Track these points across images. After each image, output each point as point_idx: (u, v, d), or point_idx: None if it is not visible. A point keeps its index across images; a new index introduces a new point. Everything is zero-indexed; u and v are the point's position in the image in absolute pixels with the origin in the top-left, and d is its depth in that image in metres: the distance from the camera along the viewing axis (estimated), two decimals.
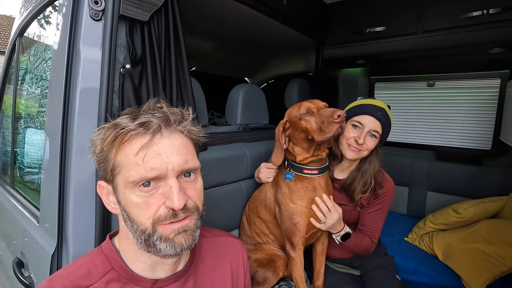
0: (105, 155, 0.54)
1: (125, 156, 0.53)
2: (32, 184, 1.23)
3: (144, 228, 0.53)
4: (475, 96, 2.09)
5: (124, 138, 0.52)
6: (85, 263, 0.58)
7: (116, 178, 0.55)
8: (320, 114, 1.00)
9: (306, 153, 1.09)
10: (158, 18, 0.92)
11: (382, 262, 1.32)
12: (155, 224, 0.53)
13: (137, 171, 0.51)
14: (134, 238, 0.55)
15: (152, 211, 0.53)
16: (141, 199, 0.52)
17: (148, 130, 0.52)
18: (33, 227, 1.02)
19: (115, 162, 0.54)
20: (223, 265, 0.72)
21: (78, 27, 0.81)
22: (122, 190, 0.54)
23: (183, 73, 1.00)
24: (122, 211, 0.56)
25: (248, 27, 1.78)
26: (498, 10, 1.47)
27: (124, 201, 0.54)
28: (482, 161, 1.99)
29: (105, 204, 0.60)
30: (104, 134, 0.54)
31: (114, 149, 0.53)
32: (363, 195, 1.18)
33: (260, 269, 1.20)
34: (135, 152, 0.52)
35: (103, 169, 0.56)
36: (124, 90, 0.86)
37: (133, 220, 0.54)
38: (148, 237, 0.53)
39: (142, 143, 0.52)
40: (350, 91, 2.47)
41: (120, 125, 0.53)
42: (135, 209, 0.53)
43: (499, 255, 1.45)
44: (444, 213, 1.81)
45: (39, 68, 1.23)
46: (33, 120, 1.28)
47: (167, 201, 0.53)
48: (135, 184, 0.52)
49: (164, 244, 0.53)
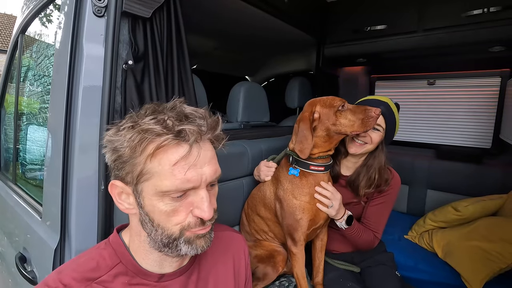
0: (133, 158, 0.51)
1: (159, 164, 0.51)
2: (34, 181, 1.24)
3: (171, 233, 0.54)
4: (476, 94, 2.09)
5: (160, 145, 0.50)
6: (93, 256, 0.58)
7: (143, 183, 0.53)
8: (356, 109, 1.06)
9: (324, 147, 1.11)
10: (161, 15, 0.92)
11: (382, 259, 1.33)
12: (183, 230, 0.54)
13: (173, 182, 0.50)
14: (150, 238, 0.55)
15: (181, 218, 0.53)
16: (170, 208, 0.52)
17: (186, 140, 0.51)
18: (36, 222, 1.03)
19: (144, 168, 0.51)
20: (226, 259, 0.73)
21: (81, 24, 0.81)
22: (149, 197, 0.53)
23: (185, 70, 1.00)
24: (144, 215, 0.55)
25: (249, 25, 1.78)
26: (499, 9, 1.47)
27: (150, 208, 0.53)
28: (482, 160, 2.00)
29: (117, 203, 0.57)
30: (132, 136, 0.50)
31: (145, 154, 0.51)
32: (367, 190, 1.19)
33: (260, 264, 1.21)
34: (172, 162, 0.50)
35: (122, 170, 0.53)
36: (127, 86, 0.86)
37: (158, 225, 0.54)
38: (174, 240, 0.54)
39: (181, 154, 0.51)
40: (350, 89, 2.48)
41: (155, 132, 0.50)
42: (163, 216, 0.53)
43: (498, 253, 1.46)
44: (444, 211, 1.82)
45: (41, 65, 1.23)
46: (35, 117, 1.28)
47: (197, 210, 0.54)
48: (166, 193, 0.51)
49: (186, 246, 0.55)
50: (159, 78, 0.93)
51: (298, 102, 2.12)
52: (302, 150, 1.07)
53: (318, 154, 1.11)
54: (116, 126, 0.54)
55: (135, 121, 0.53)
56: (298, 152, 1.09)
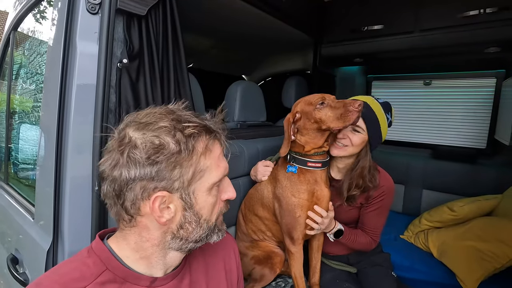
0: (183, 159, 0.51)
1: (211, 159, 0.56)
2: (27, 180, 1.21)
3: (212, 224, 0.59)
4: (471, 95, 2.11)
5: (209, 142, 0.56)
6: (76, 265, 0.54)
7: (197, 182, 0.54)
8: (336, 104, 1.05)
9: (314, 143, 1.11)
10: (156, 12, 0.91)
11: (378, 259, 1.33)
12: (218, 218, 0.60)
13: (219, 172, 0.57)
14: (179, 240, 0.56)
15: (218, 206, 0.60)
16: (215, 198, 0.58)
17: (217, 137, 0.59)
18: (28, 223, 1.01)
19: (198, 167, 0.54)
20: (216, 260, 0.73)
21: (74, 21, 0.80)
22: (202, 193, 0.55)
23: (181, 68, 0.99)
24: (190, 217, 0.55)
25: (246, 24, 1.77)
26: (495, 10, 1.48)
27: (203, 204, 0.56)
28: (477, 160, 2.01)
29: (159, 218, 0.52)
30: (180, 137, 0.50)
31: (198, 153, 0.53)
32: (349, 193, 1.18)
33: (257, 266, 1.20)
34: (217, 156, 0.57)
35: (168, 177, 0.50)
36: (121, 85, 0.85)
37: (205, 220, 0.57)
38: (211, 231, 0.59)
39: (220, 148, 0.59)
40: (347, 89, 2.48)
41: (208, 127, 0.55)
42: (211, 209, 0.58)
43: (493, 253, 1.47)
44: (439, 211, 1.83)
45: (34, 63, 1.21)
46: (27, 116, 1.26)
47: (226, 194, 0.61)
48: (214, 184, 0.57)
49: (218, 234, 0.61)
50: (154, 77, 0.91)
51: (295, 102, 2.12)
52: (281, 150, 1.14)
53: (312, 151, 1.11)
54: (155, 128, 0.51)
55: (173, 125, 0.51)
56: (280, 152, 1.16)
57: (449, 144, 2.21)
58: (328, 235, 1.19)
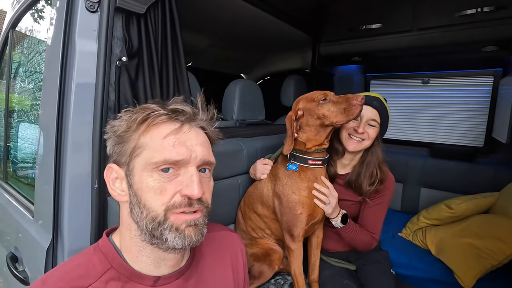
0: (128, 134, 0.54)
1: (151, 138, 0.54)
2: (26, 179, 1.22)
3: (156, 214, 0.52)
4: (469, 93, 2.12)
5: (155, 120, 0.54)
6: (81, 262, 0.55)
7: (135, 159, 0.54)
8: (338, 99, 1.06)
9: (316, 140, 1.12)
10: (155, 11, 0.91)
11: (377, 257, 1.34)
12: (168, 212, 0.52)
13: (162, 153, 0.52)
14: (139, 228, 0.54)
15: (167, 197, 0.52)
16: (157, 184, 0.52)
17: (179, 117, 0.55)
18: (27, 221, 1.02)
19: (137, 143, 0.54)
20: (224, 260, 0.72)
21: (73, 19, 0.80)
22: (139, 173, 0.53)
23: (179, 66, 0.99)
24: (132, 196, 0.54)
25: (245, 22, 1.77)
26: (492, 9, 1.48)
27: (139, 185, 0.53)
28: (474, 158, 2.03)
29: (110, 190, 0.57)
30: (131, 115, 0.55)
31: (140, 130, 0.54)
32: (371, 187, 1.19)
33: (256, 263, 1.20)
34: (163, 136, 0.53)
35: (119, 152, 0.56)
36: (121, 83, 0.85)
37: (144, 205, 0.52)
38: (158, 225, 0.52)
39: (171, 129, 0.54)
40: (346, 88, 2.49)
41: (151, 108, 0.54)
42: (150, 194, 0.52)
43: (490, 250, 1.48)
44: (437, 209, 1.84)
45: (32, 61, 1.21)
46: (26, 114, 1.26)
47: (186, 189, 0.52)
48: (156, 166, 0.52)
49: (173, 235, 0.52)
50: (153, 76, 0.91)
51: (294, 100, 2.12)
52: (285, 148, 1.13)
53: (313, 148, 1.12)
54: (124, 110, 0.58)
55: (137, 108, 0.57)
56: (283, 150, 1.14)
57: (447, 142, 2.22)
58: (335, 223, 1.18)
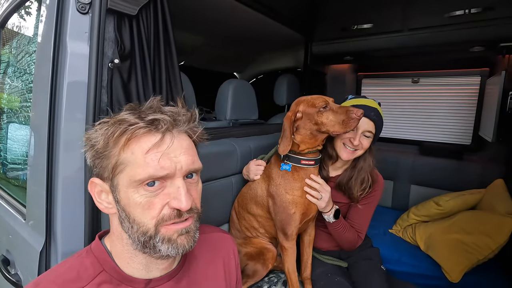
0: (107, 151, 0.52)
1: (132, 154, 0.51)
2: (17, 181, 1.20)
3: (146, 229, 0.52)
4: (457, 93, 2.17)
5: (133, 135, 0.50)
6: (74, 265, 0.55)
7: (118, 176, 0.52)
8: (338, 110, 1.08)
9: (310, 144, 1.13)
10: (147, 12, 0.91)
11: (368, 254, 1.37)
12: (158, 225, 0.52)
13: (145, 170, 0.50)
14: (130, 239, 0.53)
15: (156, 211, 0.52)
16: (144, 199, 0.51)
17: (158, 128, 0.51)
18: (19, 224, 1.01)
19: (119, 159, 0.51)
20: (216, 261, 0.72)
21: (64, 21, 0.79)
22: (124, 189, 0.52)
23: (172, 68, 0.99)
24: (121, 211, 0.54)
25: (238, 21, 1.77)
26: (479, 10, 1.52)
27: (126, 201, 0.52)
28: (462, 156, 2.08)
29: (96, 203, 0.57)
30: (107, 129, 0.51)
31: (119, 146, 0.51)
32: (362, 192, 1.22)
33: (250, 262, 1.22)
34: (145, 151, 0.50)
35: (100, 166, 0.53)
36: (113, 85, 0.85)
37: (133, 220, 0.52)
38: (149, 238, 0.52)
39: (153, 142, 0.51)
40: (338, 87, 2.51)
41: (128, 121, 0.51)
42: (138, 209, 0.51)
43: (476, 245, 1.53)
44: (426, 206, 1.89)
45: (22, 62, 1.19)
46: (16, 115, 1.24)
47: (174, 201, 0.52)
48: (141, 183, 0.50)
49: (166, 246, 0.52)
50: (146, 77, 0.91)
51: (287, 99, 2.14)
52: (281, 150, 1.13)
53: (306, 150, 1.14)
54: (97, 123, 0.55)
55: (111, 117, 0.54)
56: (279, 150, 1.14)
57: (435, 141, 2.27)
58: (328, 217, 1.21)
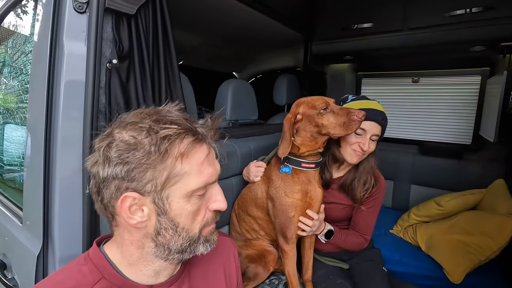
0: (156, 163, 0.49)
1: (188, 164, 0.52)
2: (13, 183, 1.18)
3: (194, 234, 0.55)
4: (457, 92, 2.16)
5: (188, 145, 0.51)
6: (72, 273, 0.53)
7: (171, 188, 0.51)
8: (339, 111, 1.05)
9: (311, 146, 1.11)
10: (146, 11, 0.89)
11: (369, 255, 1.36)
12: (202, 229, 0.56)
13: (201, 179, 0.53)
14: (161, 247, 0.54)
15: (201, 216, 0.56)
16: (195, 207, 0.54)
17: (204, 140, 0.55)
18: (16, 227, 0.99)
19: (173, 171, 0.50)
20: (216, 265, 0.71)
21: (61, 20, 0.77)
22: (177, 200, 0.52)
23: (172, 68, 0.98)
24: (164, 223, 0.52)
25: (237, 21, 1.76)
26: (480, 9, 1.51)
27: (178, 211, 0.52)
28: (463, 156, 2.07)
29: (127, 219, 0.51)
30: (153, 140, 0.49)
31: (173, 157, 0.50)
32: (365, 192, 1.21)
33: (251, 264, 1.21)
34: (200, 161, 0.53)
35: (140, 180, 0.49)
36: (111, 85, 0.83)
37: (183, 229, 0.54)
38: (194, 242, 0.56)
39: (205, 153, 0.55)
40: (338, 86, 2.50)
41: (176, 132, 0.50)
42: (189, 218, 0.54)
43: (478, 245, 1.53)
44: (427, 206, 1.88)
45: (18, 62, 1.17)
46: (12, 116, 1.22)
47: (215, 203, 0.57)
48: (194, 192, 0.53)
49: (205, 245, 0.57)
50: (145, 77, 0.90)
51: (286, 99, 2.13)
52: (280, 152, 1.11)
53: (306, 153, 1.12)
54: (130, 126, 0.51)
55: (150, 125, 0.50)
56: (278, 153, 1.12)
57: (436, 140, 2.26)
58: (319, 237, 1.20)
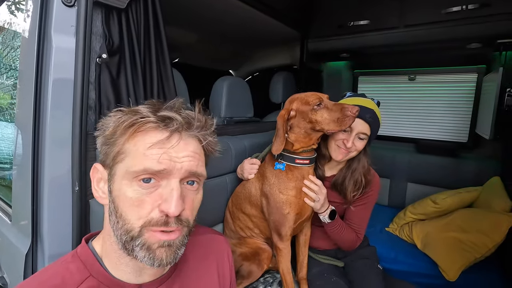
0: (114, 138, 0.51)
1: (134, 145, 0.50)
2: (3, 181, 1.16)
3: (131, 227, 0.49)
4: (454, 90, 2.16)
5: (141, 127, 0.50)
6: (58, 271, 0.52)
7: (117, 165, 0.51)
8: (333, 107, 1.04)
9: (304, 143, 1.10)
10: (137, 5, 0.88)
11: (364, 253, 1.36)
12: (143, 228, 0.49)
13: (142, 162, 0.48)
14: (115, 236, 0.51)
15: (145, 211, 0.49)
16: (136, 195, 0.49)
17: (168, 126, 0.50)
18: (5, 225, 0.98)
19: (121, 148, 0.51)
20: (209, 264, 0.70)
21: (49, 13, 0.76)
22: (119, 180, 0.50)
23: (164, 64, 0.96)
24: (110, 203, 0.52)
25: (233, 18, 1.75)
26: (477, 6, 1.51)
27: (117, 192, 0.50)
28: (459, 153, 2.08)
29: (93, 190, 0.56)
30: (120, 117, 0.51)
31: (126, 135, 0.51)
32: (355, 193, 1.20)
33: (244, 262, 1.20)
34: (148, 145, 0.49)
35: (105, 153, 0.53)
36: (101, 81, 0.82)
37: (120, 215, 0.50)
38: (131, 239, 0.49)
39: (158, 138, 0.50)
40: (334, 84, 2.50)
41: (141, 113, 0.51)
42: (127, 204, 0.49)
43: (473, 243, 1.53)
44: (423, 204, 1.88)
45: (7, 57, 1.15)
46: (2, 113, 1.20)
47: (163, 204, 0.49)
48: (136, 176, 0.49)
49: (143, 253, 0.49)
50: (136, 73, 0.88)
51: (283, 97, 2.11)
52: (274, 148, 1.09)
53: (300, 149, 1.11)
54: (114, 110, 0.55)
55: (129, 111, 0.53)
56: (272, 150, 1.11)
57: (432, 138, 2.26)
58: (323, 218, 1.18)
